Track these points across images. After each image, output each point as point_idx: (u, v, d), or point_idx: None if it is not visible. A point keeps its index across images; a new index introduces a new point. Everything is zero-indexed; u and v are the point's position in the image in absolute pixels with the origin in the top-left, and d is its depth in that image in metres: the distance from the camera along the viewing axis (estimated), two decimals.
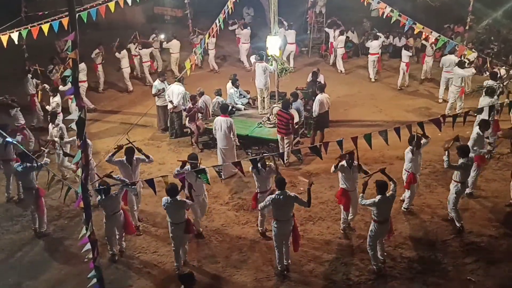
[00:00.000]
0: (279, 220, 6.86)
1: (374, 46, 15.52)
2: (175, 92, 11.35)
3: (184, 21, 19.66)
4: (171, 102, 11.43)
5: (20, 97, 11.72)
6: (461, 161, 7.65)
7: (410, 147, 8.03)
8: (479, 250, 7.43)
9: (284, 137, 10.07)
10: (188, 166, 7.53)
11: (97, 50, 14.63)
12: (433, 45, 14.18)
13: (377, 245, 7.07)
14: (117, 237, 7.60)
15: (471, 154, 8.09)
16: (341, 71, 16.65)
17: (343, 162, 7.47)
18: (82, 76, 13.04)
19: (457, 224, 7.88)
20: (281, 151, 10.08)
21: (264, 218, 7.85)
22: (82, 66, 12.89)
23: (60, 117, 11.32)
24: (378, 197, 6.72)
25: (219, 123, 9.71)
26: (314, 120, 10.82)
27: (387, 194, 6.75)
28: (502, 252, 7.39)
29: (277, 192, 6.79)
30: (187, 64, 10.90)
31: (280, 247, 6.99)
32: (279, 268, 7.09)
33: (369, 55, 15.87)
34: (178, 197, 6.88)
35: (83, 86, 13.30)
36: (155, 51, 16.60)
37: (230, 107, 10.91)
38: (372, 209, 6.83)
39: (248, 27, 17.58)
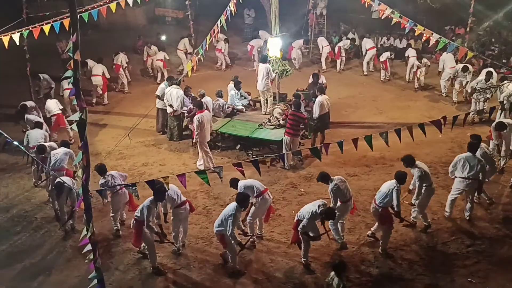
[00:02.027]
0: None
1: (368, 42, 16.59)
2: (173, 96, 11.31)
3: (185, 23, 19.69)
4: (170, 106, 11.41)
5: (21, 97, 11.74)
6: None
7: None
8: (480, 252, 7.41)
9: (294, 138, 10.06)
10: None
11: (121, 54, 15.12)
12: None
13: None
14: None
15: None
16: (333, 69, 17.23)
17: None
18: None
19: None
20: (283, 152, 10.05)
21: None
22: None
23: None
24: (331, 186, 7.36)
25: (206, 118, 9.99)
26: (315, 121, 10.83)
27: (334, 181, 7.35)
28: (503, 254, 7.37)
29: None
30: (188, 66, 10.89)
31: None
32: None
33: (367, 51, 16.51)
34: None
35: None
36: (181, 53, 17.19)
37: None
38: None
39: None
